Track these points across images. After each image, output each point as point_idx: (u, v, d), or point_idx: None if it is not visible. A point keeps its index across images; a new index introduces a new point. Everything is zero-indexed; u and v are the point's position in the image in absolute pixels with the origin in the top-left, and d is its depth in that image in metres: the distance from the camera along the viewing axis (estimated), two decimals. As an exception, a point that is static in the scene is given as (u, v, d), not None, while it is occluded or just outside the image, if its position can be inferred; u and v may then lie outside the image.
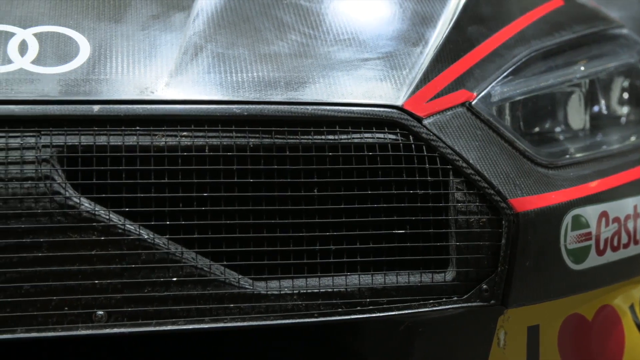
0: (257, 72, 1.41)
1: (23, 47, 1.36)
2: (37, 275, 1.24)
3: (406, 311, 1.35)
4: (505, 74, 1.58)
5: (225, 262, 1.30)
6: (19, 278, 1.24)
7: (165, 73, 1.37)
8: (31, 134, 1.27)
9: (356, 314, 1.34)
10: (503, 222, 1.39)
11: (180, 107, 1.33)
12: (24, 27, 1.39)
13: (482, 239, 1.39)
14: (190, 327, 1.28)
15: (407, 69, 1.47)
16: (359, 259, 1.35)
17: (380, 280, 1.35)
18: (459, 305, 1.38)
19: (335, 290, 1.33)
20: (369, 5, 1.62)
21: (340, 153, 1.35)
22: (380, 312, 1.34)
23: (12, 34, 1.37)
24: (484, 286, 1.39)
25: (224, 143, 1.32)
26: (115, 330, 1.26)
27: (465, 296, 1.38)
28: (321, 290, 1.33)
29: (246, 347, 1.35)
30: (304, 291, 1.32)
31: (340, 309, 1.33)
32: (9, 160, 1.25)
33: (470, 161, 1.40)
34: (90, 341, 1.28)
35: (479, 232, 1.39)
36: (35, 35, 1.38)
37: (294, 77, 1.41)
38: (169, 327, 1.27)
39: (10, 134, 1.27)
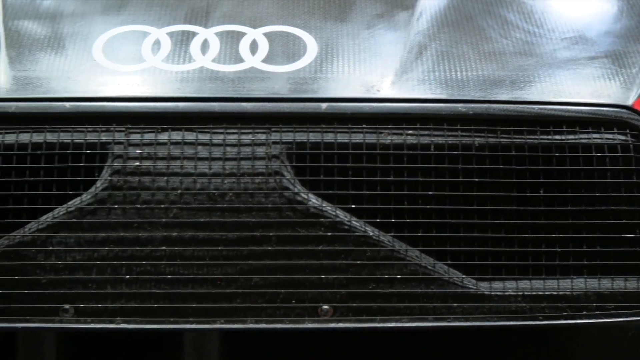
0: (482, 70, 1.39)
1: (254, 47, 1.40)
2: (267, 268, 1.27)
3: (636, 318, 1.30)
4: None
5: (449, 261, 1.29)
6: (249, 270, 1.27)
7: (390, 71, 1.38)
8: (262, 130, 1.31)
9: (582, 319, 1.30)
10: None
11: (406, 106, 1.34)
12: (254, 27, 1.44)
13: None
14: (414, 324, 1.28)
15: (636, 67, 1.43)
16: (585, 262, 1.31)
17: (608, 285, 1.31)
18: (693, 314, 1.32)
19: (560, 293, 1.30)
20: (595, 2, 1.58)
21: (567, 153, 1.32)
22: (607, 317, 1.30)
23: (243, 34, 1.42)
24: None
25: (450, 142, 1.32)
26: (341, 325, 1.27)
27: None
28: (546, 292, 1.30)
29: (467, 347, 1.34)
30: (529, 293, 1.30)
31: (565, 313, 1.30)
32: (241, 156, 1.30)
33: None
34: (316, 335, 1.30)
35: None
36: (265, 34, 1.42)
37: (519, 76, 1.39)
38: (393, 324, 1.28)
39: (242, 131, 1.31)
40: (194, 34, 1.42)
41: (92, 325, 1.26)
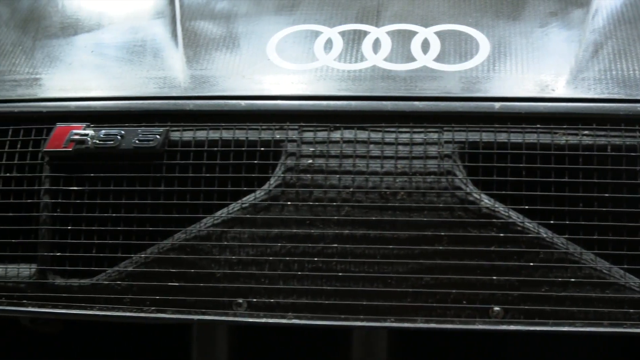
0: (661, 69, 1.35)
1: (425, 45, 1.40)
2: (438, 268, 1.27)
3: None
4: None
5: (625, 266, 1.26)
6: (420, 269, 1.27)
7: (565, 70, 1.35)
8: (434, 129, 1.31)
9: None
10: None
11: (582, 105, 1.31)
12: (426, 25, 1.43)
13: None
14: (588, 329, 1.25)
15: None
16: None
17: None
18: None
19: None
20: None
21: None
22: None
23: (415, 33, 1.42)
24: None
25: (627, 143, 1.28)
26: (512, 327, 1.26)
27: None
28: None
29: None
30: None
31: None
32: (413, 155, 1.29)
33: None
34: (484, 336, 1.29)
35: None
36: (436, 33, 1.41)
37: None
38: (566, 329, 1.25)
39: (415, 130, 1.31)
40: (365, 33, 1.42)
41: (264, 320, 1.28)
